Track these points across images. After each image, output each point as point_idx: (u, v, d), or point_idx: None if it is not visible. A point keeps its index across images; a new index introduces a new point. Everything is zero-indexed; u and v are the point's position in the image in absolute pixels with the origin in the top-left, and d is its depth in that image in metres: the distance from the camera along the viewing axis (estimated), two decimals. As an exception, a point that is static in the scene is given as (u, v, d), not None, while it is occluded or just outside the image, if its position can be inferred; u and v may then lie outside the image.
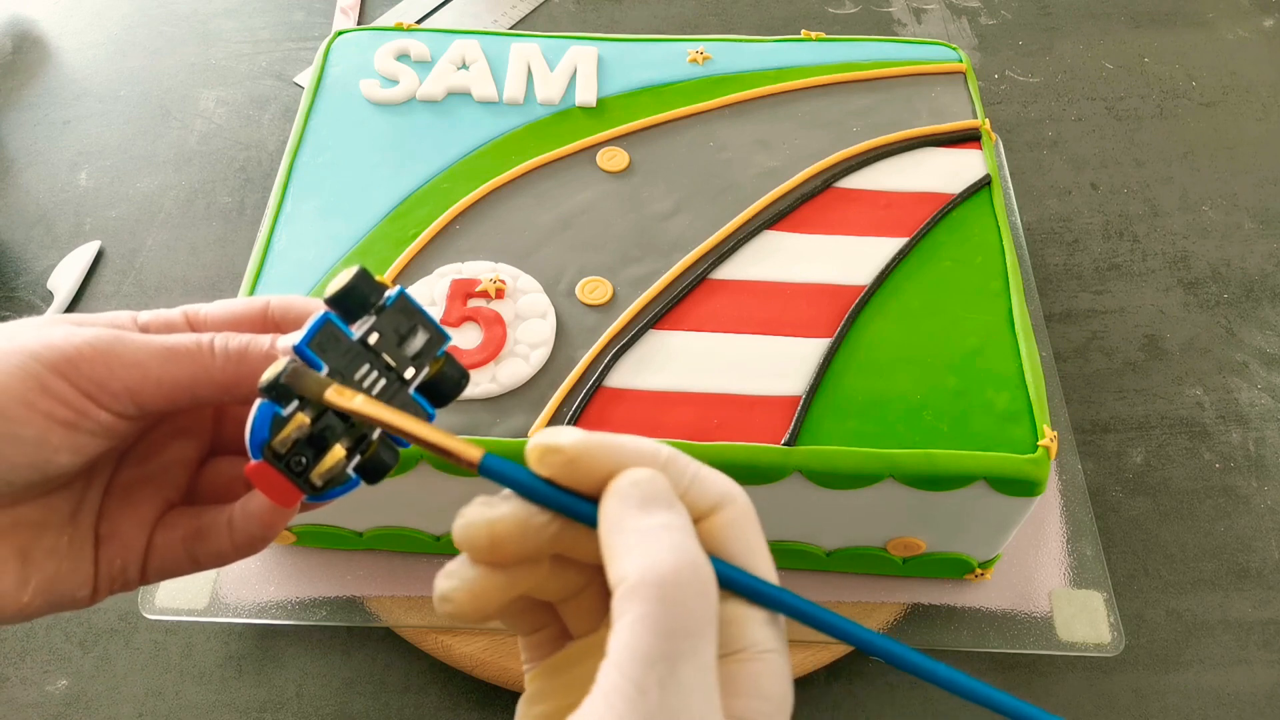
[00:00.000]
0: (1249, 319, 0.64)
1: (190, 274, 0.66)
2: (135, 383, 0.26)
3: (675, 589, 0.21)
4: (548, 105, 0.55)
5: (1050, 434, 0.42)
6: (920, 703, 0.50)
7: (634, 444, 0.24)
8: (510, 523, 0.24)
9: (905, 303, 0.47)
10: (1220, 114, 0.76)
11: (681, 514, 0.23)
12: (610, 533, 0.23)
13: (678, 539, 0.22)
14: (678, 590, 0.21)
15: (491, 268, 0.47)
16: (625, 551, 0.22)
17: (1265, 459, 0.58)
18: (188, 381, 0.27)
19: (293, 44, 0.81)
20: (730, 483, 0.25)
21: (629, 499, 0.23)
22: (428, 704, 0.50)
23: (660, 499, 0.23)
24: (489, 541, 0.24)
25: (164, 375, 0.27)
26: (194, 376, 0.27)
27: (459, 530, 0.24)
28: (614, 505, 0.23)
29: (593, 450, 0.24)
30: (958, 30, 0.83)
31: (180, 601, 0.49)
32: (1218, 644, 0.52)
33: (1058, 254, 0.68)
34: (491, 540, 0.24)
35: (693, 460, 0.25)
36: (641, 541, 0.22)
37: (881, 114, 0.55)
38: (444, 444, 0.24)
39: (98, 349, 0.26)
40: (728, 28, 0.83)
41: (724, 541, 0.24)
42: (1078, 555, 0.51)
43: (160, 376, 0.27)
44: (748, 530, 0.24)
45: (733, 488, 0.25)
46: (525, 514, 0.24)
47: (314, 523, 0.48)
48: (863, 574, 0.50)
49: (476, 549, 0.24)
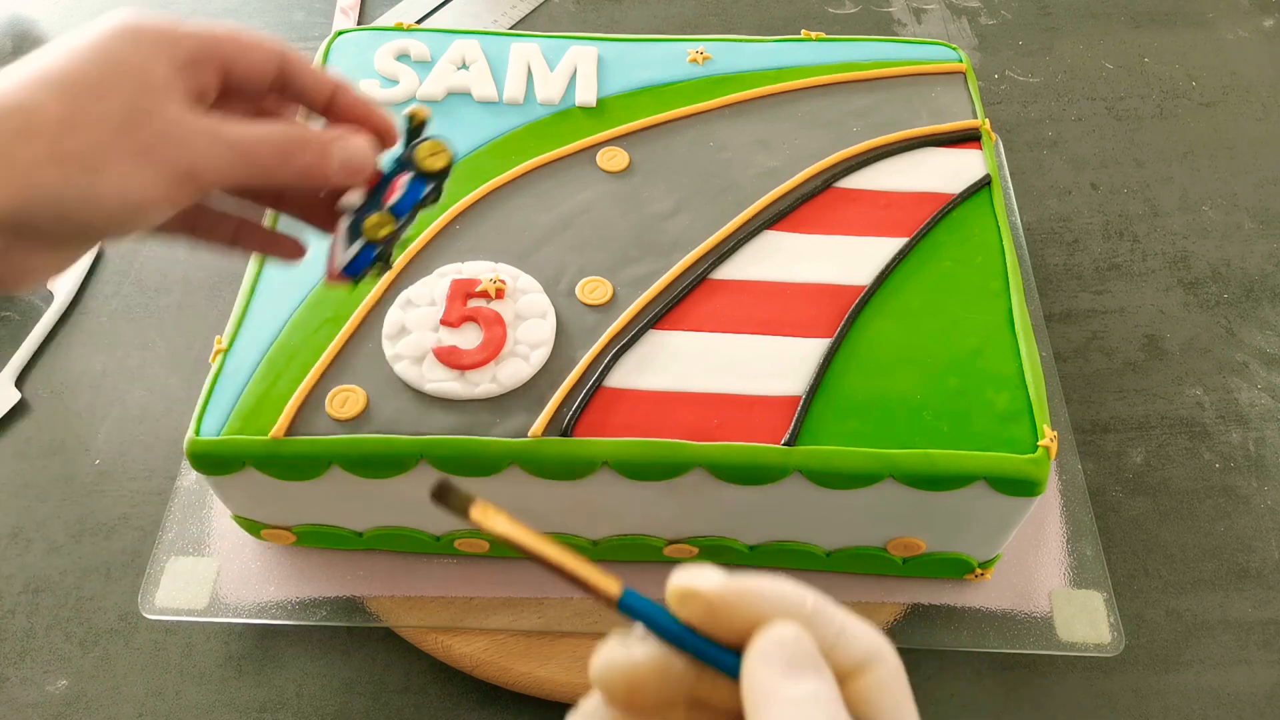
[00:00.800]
0: (1249, 319, 0.64)
1: (190, 274, 0.66)
2: None
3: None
4: (548, 105, 0.55)
5: (1050, 434, 0.42)
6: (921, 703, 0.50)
7: (779, 591, 0.23)
8: (650, 669, 0.23)
9: (905, 303, 0.47)
10: (1220, 114, 0.76)
11: (829, 681, 0.22)
12: (755, 699, 0.21)
13: (830, 712, 0.21)
14: None
15: (491, 268, 0.47)
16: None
17: (1265, 459, 0.58)
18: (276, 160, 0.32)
19: (293, 44, 0.81)
20: (879, 636, 0.23)
21: (774, 661, 0.22)
22: (428, 704, 0.50)
23: (808, 663, 0.22)
24: (626, 686, 0.23)
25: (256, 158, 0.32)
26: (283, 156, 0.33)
27: (597, 671, 0.23)
28: (759, 668, 0.22)
29: (736, 597, 0.22)
30: (958, 30, 0.83)
31: (180, 601, 0.49)
32: (1218, 644, 0.52)
33: (1058, 254, 0.68)
34: (629, 685, 0.23)
35: (839, 609, 0.23)
36: (789, 713, 0.21)
37: (881, 114, 0.55)
38: (584, 576, 0.24)
39: None
40: (728, 28, 0.83)
41: (872, 706, 0.22)
42: (1078, 555, 0.51)
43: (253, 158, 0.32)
44: (898, 694, 0.23)
45: (882, 643, 0.23)
46: (665, 659, 0.23)
47: (314, 523, 0.48)
48: (863, 574, 0.50)
49: (614, 692, 0.23)
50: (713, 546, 0.47)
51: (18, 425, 0.59)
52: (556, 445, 0.42)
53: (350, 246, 0.38)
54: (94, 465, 0.58)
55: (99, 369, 0.62)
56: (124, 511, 0.56)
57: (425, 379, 0.43)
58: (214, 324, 0.63)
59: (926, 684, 0.50)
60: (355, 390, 0.43)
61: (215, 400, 0.43)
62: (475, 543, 0.49)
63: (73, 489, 0.57)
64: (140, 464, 0.58)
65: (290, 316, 0.46)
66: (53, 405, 0.60)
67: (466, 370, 0.44)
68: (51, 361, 0.62)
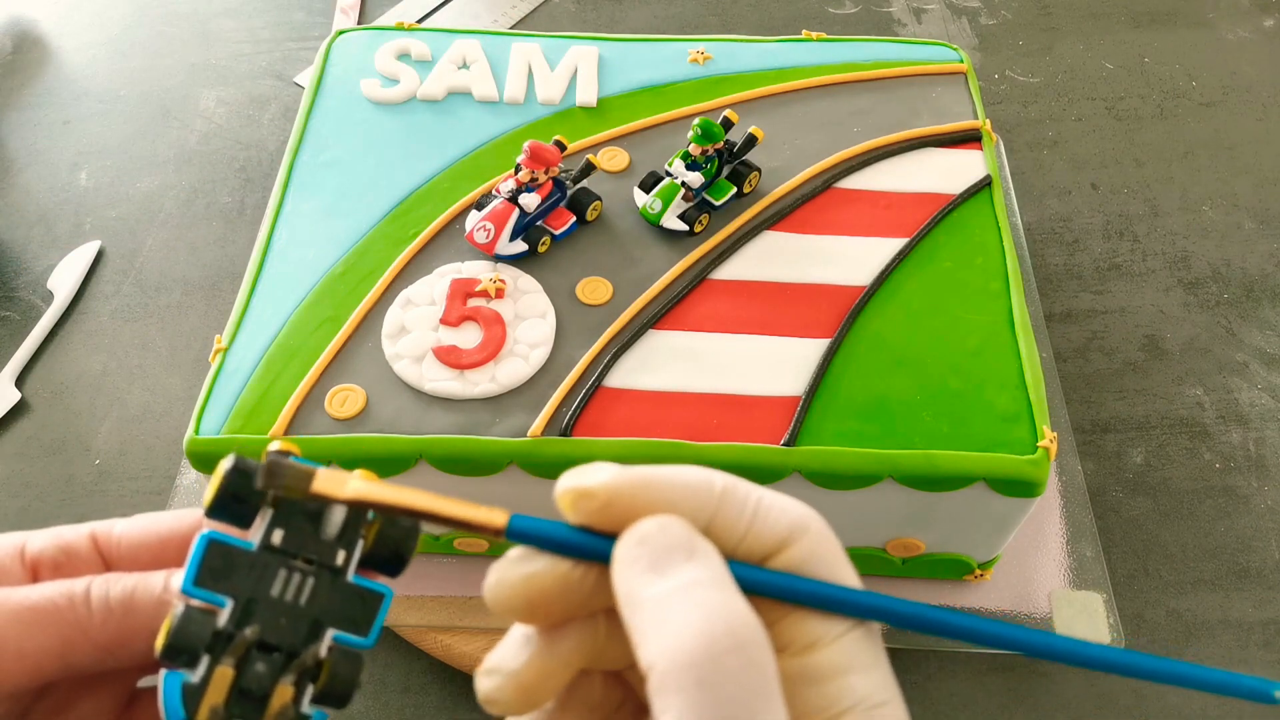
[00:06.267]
0: (1249, 319, 0.64)
1: (190, 274, 0.66)
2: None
3: (712, 666, 0.17)
4: (548, 105, 0.55)
5: (1050, 435, 0.42)
6: (921, 703, 0.50)
7: (679, 477, 0.20)
8: (548, 580, 0.20)
9: (905, 303, 0.47)
10: (1220, 114, 0.76)
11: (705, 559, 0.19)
12: (623, 606, 0.19)
13: (703, 598, 0.18)
14: (715, 666, 0.17)
15: (491, 267, 0.47)
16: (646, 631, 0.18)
17: (1265, 459, 0.58)
18: (58, 649, 0.21)
19: (293, 44, 0.81)
20: (801, 508, 0.21)
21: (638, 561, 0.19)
22: (428, 704, 0.50)
23: (676, 549, 0.19)
24: (526, 602, 0.20)
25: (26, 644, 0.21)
26: (65, 640, 0.21)
27: (490, 591, 0.21)
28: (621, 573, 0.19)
29: (629, 489, 0.20)
30: (958, 30, 0.83)
31: (180, 601, 0.49)
32: (1218, 644, 0.52)
33: (1058, 254, 0.68)
34: (529, 600, 0.20)
35: (754, 488, 0.21)
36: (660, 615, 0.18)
37: (882, 114, 0.55)
38: (464, 516, 0.21)
39: None
40: (728, 28, 0.83)
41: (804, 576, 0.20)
42: (1078, 556, 0.51)
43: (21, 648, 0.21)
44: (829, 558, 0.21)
45: (805, 513, 0.21)
46: (561, 567, 0.20)
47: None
48: (862, 574, 0.50)
49: (513, 611, 0.21)
50: (712, 546, 0.47)
51: (18, 425, 0.59)
52: (556, 445, 0.42)
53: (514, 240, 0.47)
54: (94, 465, 0.58)
55: (99, 369, 0.62)
56: (124, 511, 0.55)
57: (425, 378, 0.43)
58: (214, 324, 0.63)
59: (926, 684, 0.50)
60: (355, 390, 0.43)
61: (215, 399, 0.43)
62: (475, 542, 0.49)
63: (73, 489, 0.57)
64: (140, 464, 0.58)
65: (290, 316, 0.46)
66: (53, 405, 0.60)
67: (466, 370, 0.44)
68: (51, 361, 0.62)
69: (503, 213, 0.47)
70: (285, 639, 0.21)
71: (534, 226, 0.48)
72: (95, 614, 0.21)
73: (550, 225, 0.48)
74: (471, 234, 0.47)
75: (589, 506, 0.20)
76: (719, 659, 0.17)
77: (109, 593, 0.22)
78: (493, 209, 0.47)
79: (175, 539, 0.24)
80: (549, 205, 0.48)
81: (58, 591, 0.21)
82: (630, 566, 0.19)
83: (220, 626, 0.21)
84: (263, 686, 0.20)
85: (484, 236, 0.47)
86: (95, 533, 0.24)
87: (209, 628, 0.20)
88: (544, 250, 0.48)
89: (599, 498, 0.20)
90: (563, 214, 0.48)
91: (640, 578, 0.19)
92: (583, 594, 0.21)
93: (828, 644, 0.20)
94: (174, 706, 0.20)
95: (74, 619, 0.21)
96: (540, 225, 0.48)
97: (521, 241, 0.47)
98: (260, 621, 0.21)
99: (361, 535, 0.22)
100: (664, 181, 0.49)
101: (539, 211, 0.47)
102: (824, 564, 0.21)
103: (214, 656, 0.20)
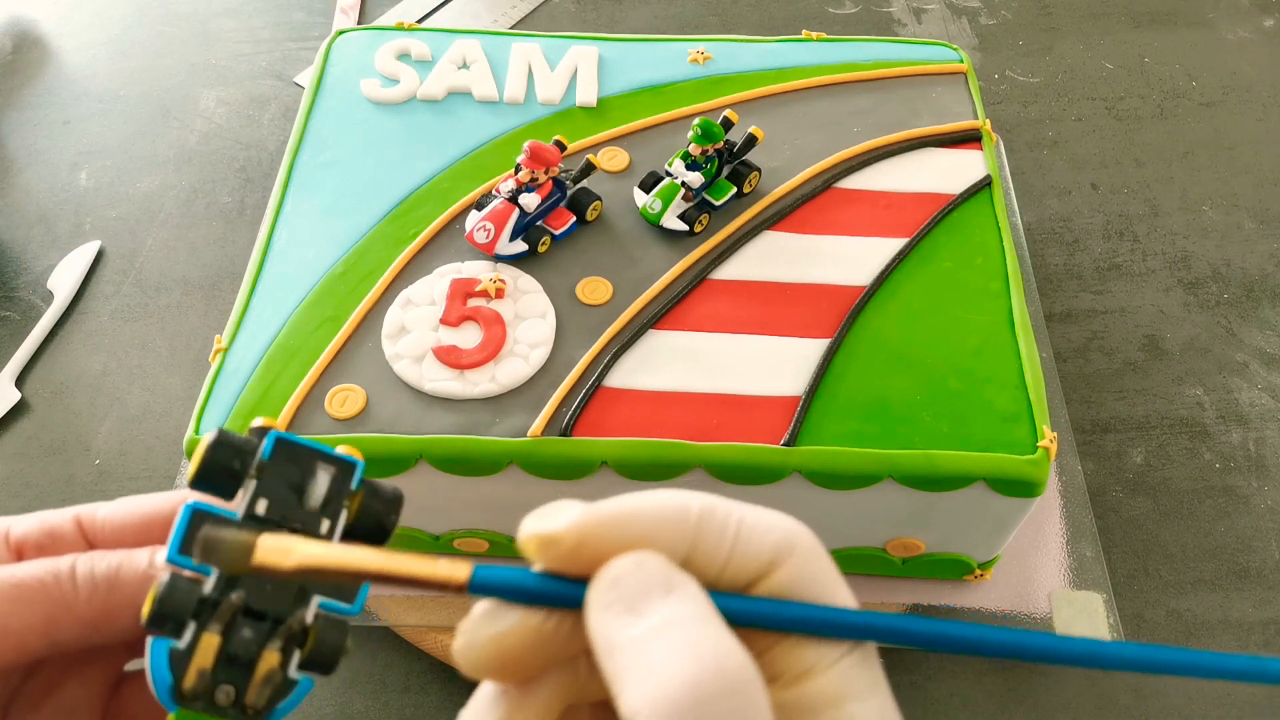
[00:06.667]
0: (1249, 319, 0.64)
1: (190, 274, 0.66)
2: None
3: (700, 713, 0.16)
4: (548, 105, 0.55)
5: (1050, 435, 0.42)
6: (921, 703, 0.50)
7: (651, 507, 0.19)
8: (521, 633, 0.19)
9: (905, 303, 0.47)
10: (1220, 114, 0.76)
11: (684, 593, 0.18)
12: (599, 653, 0.18)
13: (685, 637, 0.17)
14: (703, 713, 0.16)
15: (491, 267, 0.47)
16: (626, 677, 0.17)
17: (1265, 459, 0.58)
18: (43, 625, 0.21)
19: (293, 44, 0.81)
20: (786, 524, 0.19)
21: (611, 607, 0.18)
22: (428, 704, 0.50)
23: (652, 587, 0.18)
24: (498, 661, 0.19)
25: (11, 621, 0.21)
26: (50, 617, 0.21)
27: (459, 653, 0.19)
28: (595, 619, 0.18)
29: (598, 528, 0.19)
30: (958, 30, 0.83)
31: (180, 601, 0.49)
32: (1218, 644, 0.52)
33: (1058, 254, 0.68)
34: (501, 659, 0.19)
35: (735, 508, 0.19)
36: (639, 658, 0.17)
37: (882, 114, 0.55)
38: (422, 574, 0.19)
39: None
40: (728, 28, 0.83)
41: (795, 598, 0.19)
42: (1077, 556, 0.51)
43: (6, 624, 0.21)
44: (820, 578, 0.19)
45: (790, 531, 0.19)
46: (531, 620, 0.19)
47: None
48: (862, 574, 0.50)
49: (486, 671, 0.19)
50: (712, 546, 0.47)
51: (18, 425, 0.59)
52: (556, 445, 0.42)
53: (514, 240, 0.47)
54: (94, 465, 0.58)
55: (99, 369, 0.62)
56: (124, 511, 0.56)
57: (425, 378, 0.43)
58: (214, 324, 0.63)
59: (926, 684, 0.50)
60: (355, 389, 0.43)
61: (215, 399, 0.43)
62: (475, 542, 0.49)
63: (73, 489, 0.57)
64: (140, 464, 0.58)
65: (290, 316, 0.46)
66: (53, 405, 0.60)
67: (466, 370, 0.44)
68: (51, 361, 0.62)
69: (503, 213, 0.47)
70: (271, 606, 0.21)
71: (534, 226, 0.48)
72: (80, 590, 0.21)
73: (550, 225, 0.48)
74: (471, 234, 0.47)
75: (556, 553, 0.19)
76: (708, 704, 0.16)
77: (94, 569, 0.22)
78: (493, 209, 0.47)
79: (159, 519, 0.24)
80: (549, 205, 0.48)
81: (43, 569, 0.22)
82: (604, 611, 0.18)
83: (206, 594, 0.21)
84: (249, 652, 0.21)
85: (484, 236, 0.47)
86: (79, 516, 0.24)
87: (195, 595, 0.21)
88: (544, 250, 0.48)
89: (565, 543, 0.19)
90: (563, 214, 0.49)
91: (615, 621, 0.18)
92: (558, 643, 0.19)
93: (822, 671, 0.19)
94: (161, 673, 0.20)
95: (59, 595, 0.21)
96: (540, 225, 0.48)
97: (521, 241, 0.47)
98: (245, 588, 0.21)
99: (345, 505, 0.22)
100: (664, 181, 0.49)
101: (539, 211, 0.47)
102: (815, 584, 0.19)
103: (200, 623, 0.21)
